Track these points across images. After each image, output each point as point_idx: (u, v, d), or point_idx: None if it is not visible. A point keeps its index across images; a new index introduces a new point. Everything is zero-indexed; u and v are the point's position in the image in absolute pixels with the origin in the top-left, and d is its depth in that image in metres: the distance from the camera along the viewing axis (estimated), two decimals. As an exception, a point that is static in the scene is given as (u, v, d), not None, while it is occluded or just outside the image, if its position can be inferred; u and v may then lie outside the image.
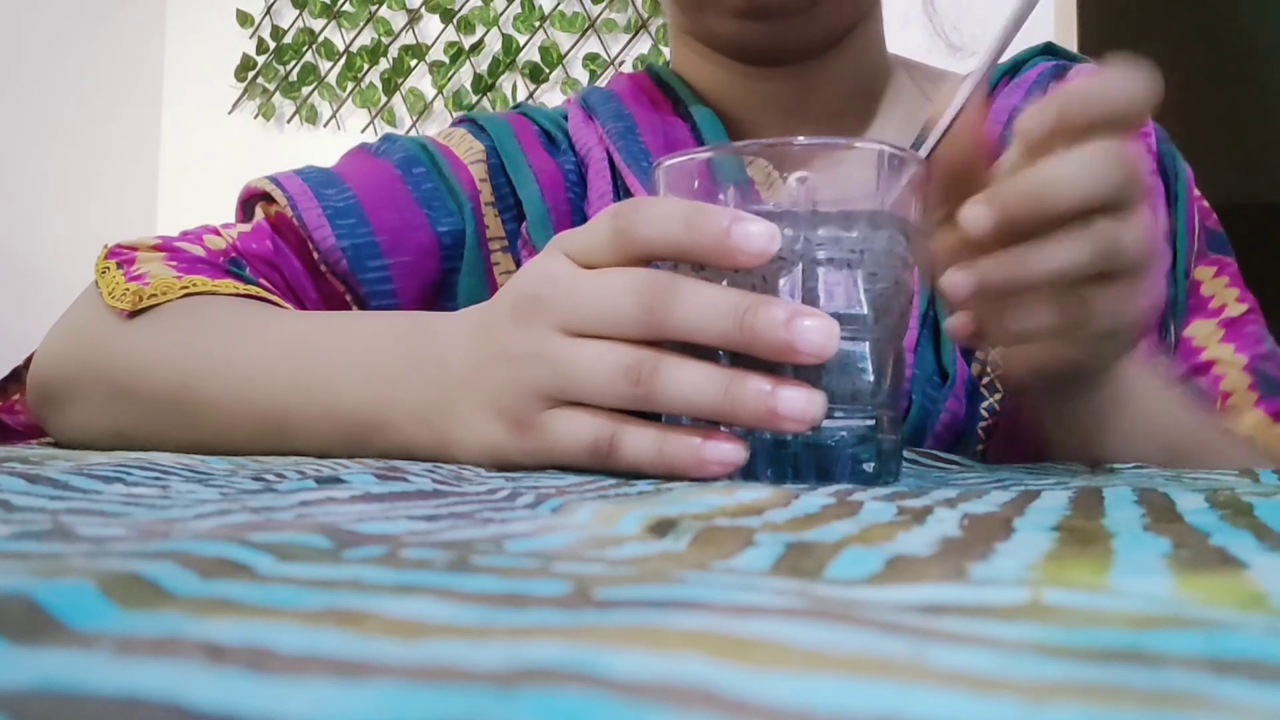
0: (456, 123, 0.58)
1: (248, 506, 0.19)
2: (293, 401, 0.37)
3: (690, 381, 0.28)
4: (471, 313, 0.34)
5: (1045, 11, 1.51)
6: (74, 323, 0.45)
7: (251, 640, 0.09)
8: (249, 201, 0.52)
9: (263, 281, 0.47)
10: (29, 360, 0.47)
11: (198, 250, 0.46)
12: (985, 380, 0.48)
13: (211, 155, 1.97)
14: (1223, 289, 0.54)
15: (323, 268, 0.49)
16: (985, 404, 0.48)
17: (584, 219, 0.53)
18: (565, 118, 0.58)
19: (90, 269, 0.46)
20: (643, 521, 0.17)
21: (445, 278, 0.52)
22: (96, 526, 0.15)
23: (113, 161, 1.94)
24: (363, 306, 0.50)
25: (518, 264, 0.53)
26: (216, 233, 0.49)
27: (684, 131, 0.56)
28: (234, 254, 0.47)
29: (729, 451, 0.28)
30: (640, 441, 0.29)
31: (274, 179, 0.51)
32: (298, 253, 0.50)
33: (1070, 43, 1.56)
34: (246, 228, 0.50)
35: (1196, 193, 0.55)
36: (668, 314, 0.28)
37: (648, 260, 0.30)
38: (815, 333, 0.26)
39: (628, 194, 0.52)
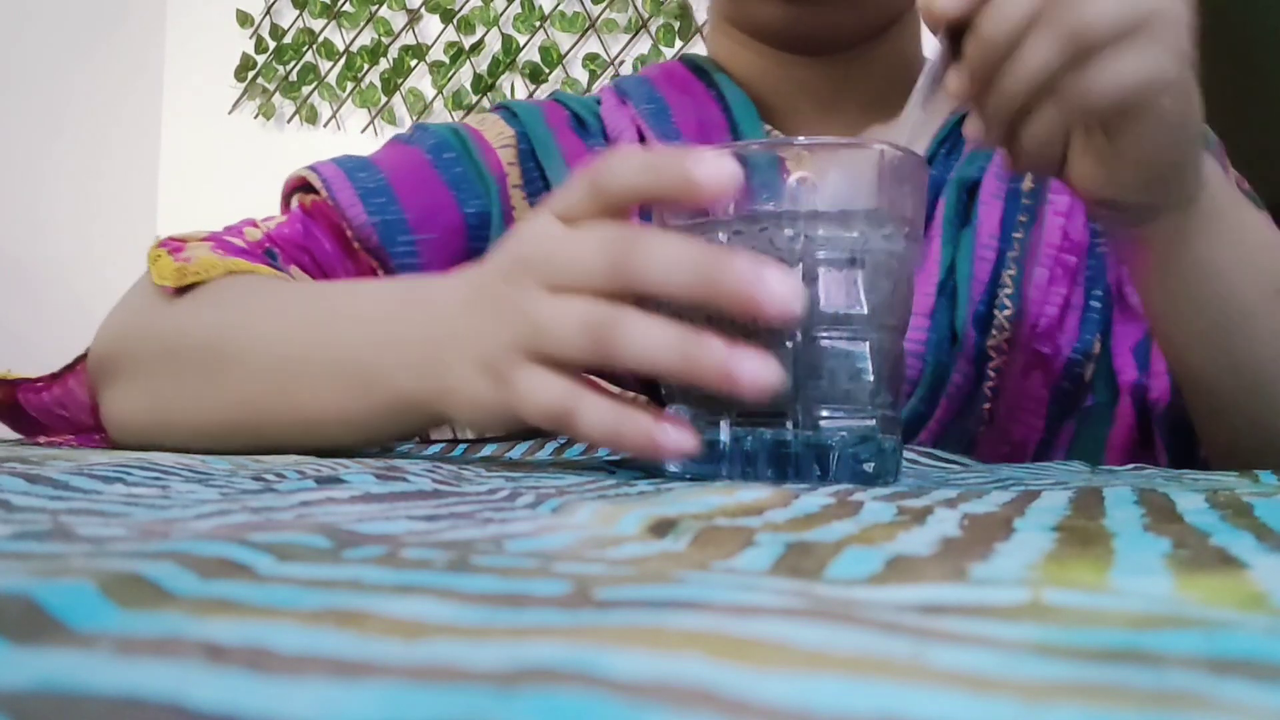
0: (494, 109, 0.60)
1: (248, 506, 0.19)
2: (305, 354, 0.39)
3: (649, 337, 0.28)
4: (467, 273, 0.36)
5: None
6: (127, 304, 0.47)
7: (251, 640, 0.09)
8: (291, 194, 0.54)
9: (293, 268, 0.49)
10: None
11: (239, 243, 0.49)
12: (991, 343, 0.50)
13: (211, 155, 1.97)
14: None
15: (355, 244, 0.51)
16: (992, 364, 0.50)
17: None
18: (599, 103, 0.59)
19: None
20: (643, 521, 0.17)
21: (472, 256, 0.52)
22: (96, 526, 0.15)
23: (113, 161, 1.94)
24: None
25: None
26: (255, 225, 0.51)
27: (716, 113, 0.56)
28: (268, 244, 0.50)
29: (680, 438, 0.28)
30: (597, 413, 0.29)
31: (312, 167, 0.53)
32: (330, 236, 0.52)
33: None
34: (282, 219, 0.52)
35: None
36: (632, 266, 0.28)
37: (623, 212, 0.30)
38: (779, 285, 0.26)
39: None
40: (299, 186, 0.54)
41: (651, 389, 0.35)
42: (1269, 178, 0.57)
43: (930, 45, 0.60)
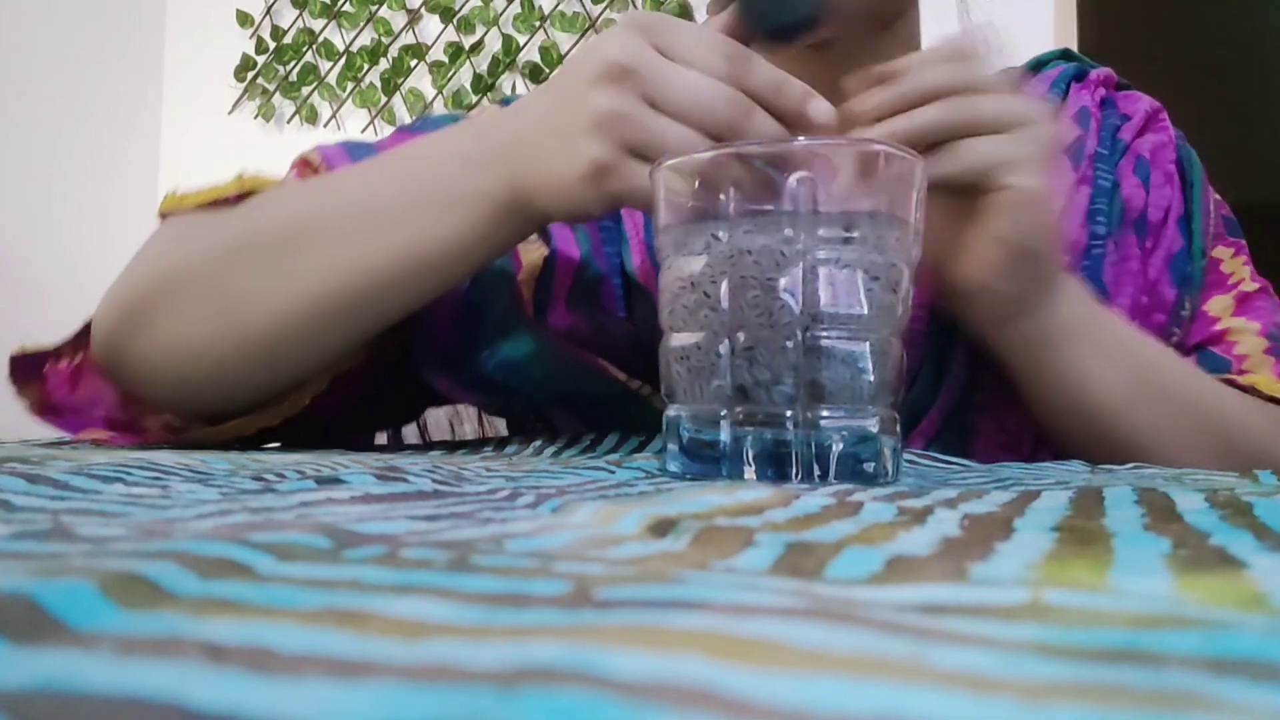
0: (500, 105, 0.60)
1: (248, 506, 0.19)
2: (396, 195, 0.40)
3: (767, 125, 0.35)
4: (540, 89, 0.39)
5: (1044, 17, 1.51)
6: (155, 249, 0.47)
7: (251, 640, 0.09)
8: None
9: None
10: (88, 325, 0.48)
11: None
12: None
13: (211, 155, 1.97)
14: (1240, 267, 0.57)
15: None
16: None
17: None
18: None
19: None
20: (643, 521, 0.17)
21: None
22: (96, 526, 0.15)
23: (113, 161, 1.94)
24: None
25: (544, 235, 0.53)
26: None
27: None
28: None
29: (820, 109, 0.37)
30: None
31: (317, 147, 0.53)
32: None
33: (1070, 45, 1.56)
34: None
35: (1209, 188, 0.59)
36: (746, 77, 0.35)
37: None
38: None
39: None
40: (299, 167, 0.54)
41: (654, 383, 0.35)
42: (1269, 178, 0.58)
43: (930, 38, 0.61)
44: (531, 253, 0.49)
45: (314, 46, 1.93)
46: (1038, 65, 0.60)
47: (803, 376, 0.28)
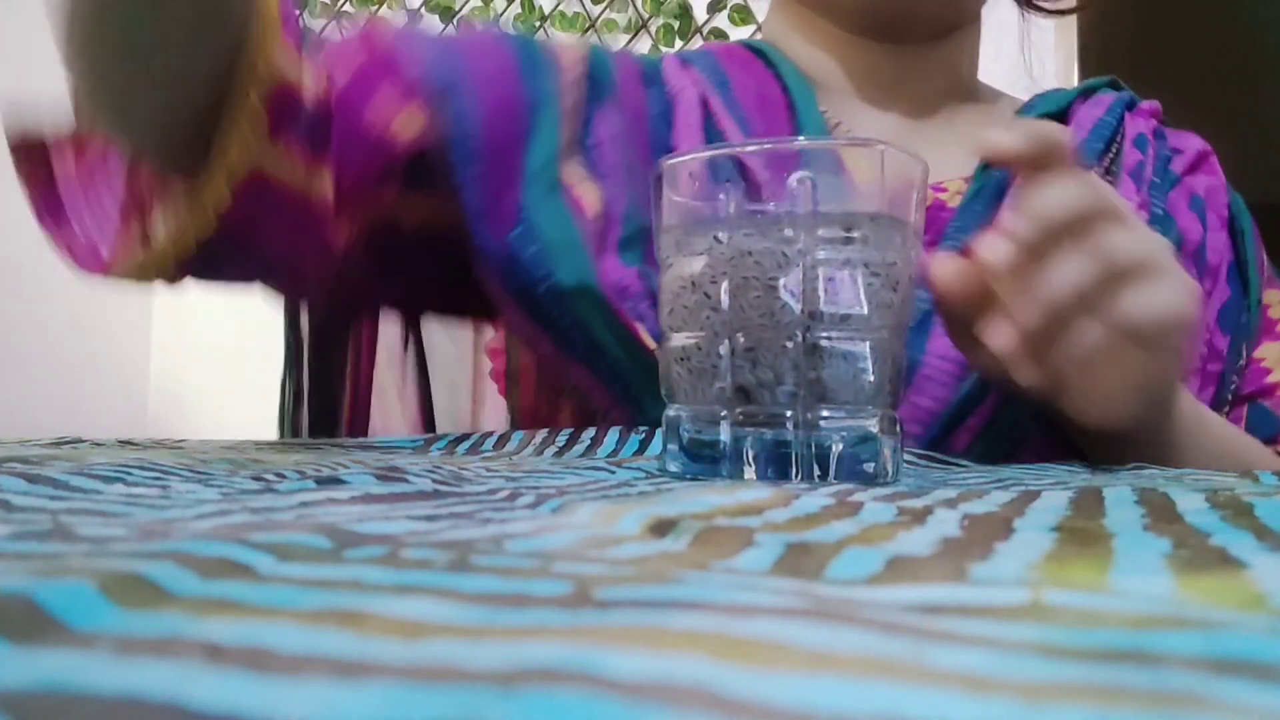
0: None
1: (248, 506, 0.19)
2: None
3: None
4: None
5: (1044, 37, 1.52)
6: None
7: (251, 640, 0.09)
8: None
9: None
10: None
11: None
12: None
13: (212, 155, 1.97)
14: None
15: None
16: None
17: (665, 151, 0.52)
18: (660, 64, 0.58)
19: None
20: (643, 521, 0.17)
21: (520, 118, 0.50)
22: (96, 526, 0.15)
23: (113, 162, 1.94)
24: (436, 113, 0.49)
25: (591, 172, 0.51)
26: None
27: (776, 91, 0.55)
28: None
29: None
30: None
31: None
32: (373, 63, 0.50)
33: (1070, 67, 1.57)
34: None
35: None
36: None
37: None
38: None
39: (718, 136, 0.53)
40: None
41: (651, 387, 0.35)
42: (1268, 178, 0.58)
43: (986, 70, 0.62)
44: (589, 193, 0.48)
45: (314, 47, 1.93)
46: (1088, 90, 0.60)
47: (803, 376, 0.28)
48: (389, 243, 0.51)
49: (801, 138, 0.31)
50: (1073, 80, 1.57)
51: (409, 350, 0.65)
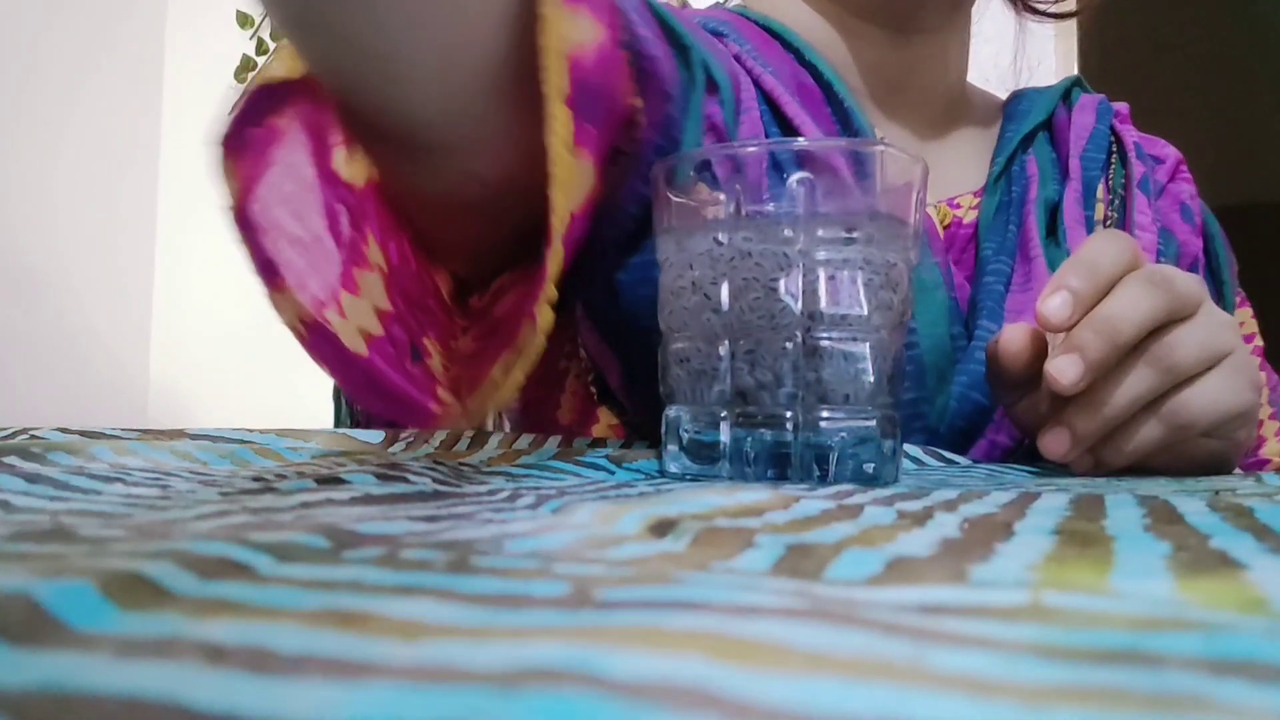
0: None
1: (248, 506, 0.19)
2: None
3: None
4: None
5: (1045, 32, 1.52)
6: None
7: (251, 640, 0.09)
8: None
9: None
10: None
11: None
12: None
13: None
14: (1250, 321, 0.58)
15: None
16: None
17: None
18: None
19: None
20: (643, 522, 0.17)
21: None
22: (97, 527, 0.15)
23: (113, 162, 1.94)
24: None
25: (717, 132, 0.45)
26: None
27: (810, 83, 0.51)
28: None
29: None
30: None
31: None
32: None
33: (1070, 61, 1.57)
34: None
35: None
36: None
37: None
38: None
39: (787, 129, 0.48)
40: None
41: (650, 387, 0.34)
42: (1266, 178, 0.58)
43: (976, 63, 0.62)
44: None
45: (314, 47, 1.93)
46: (1066, 92, 0.59)
47: (802, 377, 0.28)
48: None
49: (801, 138, 0.31)
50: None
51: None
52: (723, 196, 0.30)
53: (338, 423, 0.61)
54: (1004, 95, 0.62)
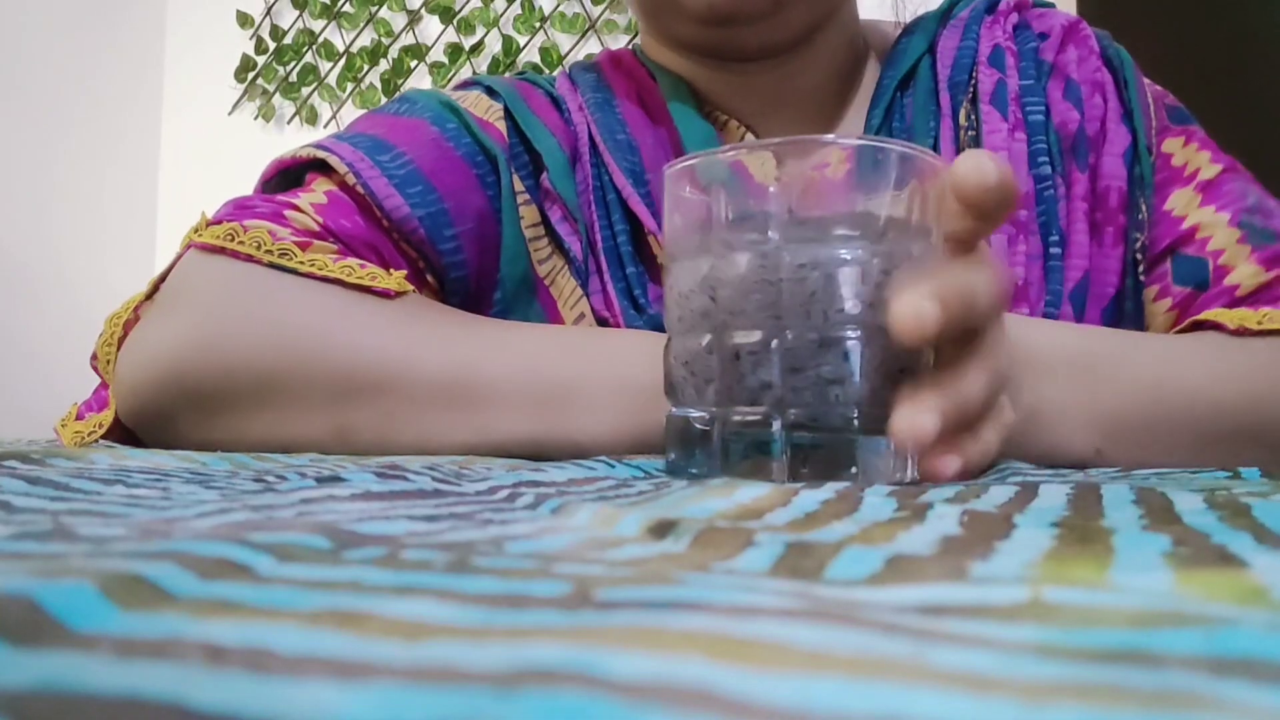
0: (464, 85, 0.57)
1: (248, 506, 0.19)
2: (578, 381, 0.39)
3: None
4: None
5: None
6: (225, 309, 0.41)
7: (251, 641, 0.09)
8: (288, 171, 0.50)
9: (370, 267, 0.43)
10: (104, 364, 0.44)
11: (286, 234, 0.43)
12: None
13: (211, 156, 1.97)
14: (1194, 154, 0.54)
15: (393, 235, 0.47)
16: None
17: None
18: (554, 85, 0.58)
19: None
20: (643, 523, 0.17)
21: (491, 241, 0.50)
22: (97, 527, 0.15)
23: (113, 162, 1.94)
24: (438, 278, 0.49)
25: (542, 215, 0.52)
26: (296, 208, 0.45)
27: (658, 98, 0.55)
28: (329, 238, 0.45)
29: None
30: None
31: (324, 146, 0.48)
32: (363, 219, 0.47)
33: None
34: (320, 199, 0.46)
35: (1146, 80, 0.56)
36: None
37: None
38: None
39: (602, 172, 0.53)
40: (296, 166, 0.50)
41: None
42: (1266, 175, 0.57)
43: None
44: (563, 285, 0.52)
45: (314, 47, 1.93)
46: (948, 10, 0.58)
47: (803, 377, 0.28)
48: None
49: (800, 137, 0.31)
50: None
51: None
52: (723, 197, 0.30)
53: None
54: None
